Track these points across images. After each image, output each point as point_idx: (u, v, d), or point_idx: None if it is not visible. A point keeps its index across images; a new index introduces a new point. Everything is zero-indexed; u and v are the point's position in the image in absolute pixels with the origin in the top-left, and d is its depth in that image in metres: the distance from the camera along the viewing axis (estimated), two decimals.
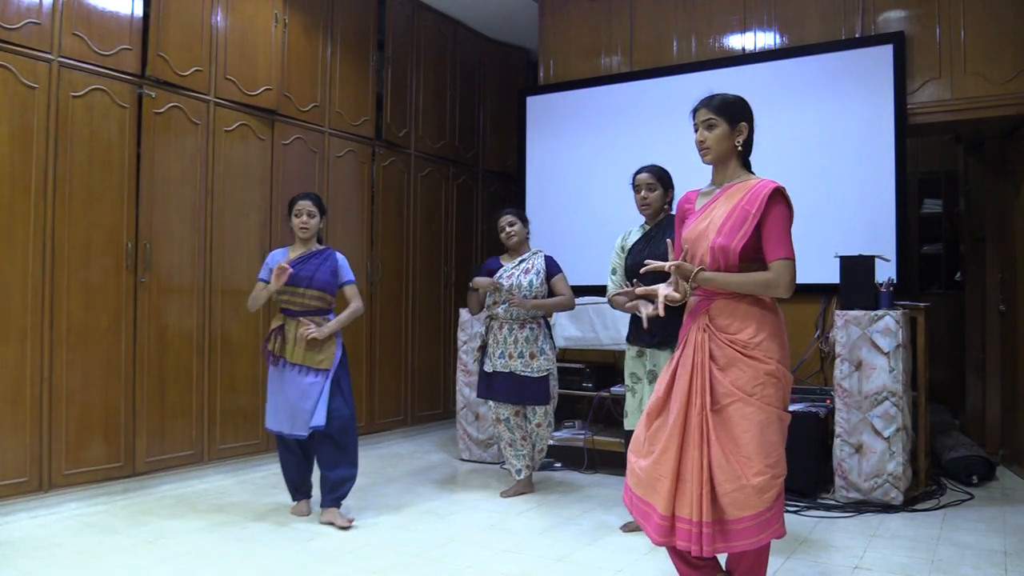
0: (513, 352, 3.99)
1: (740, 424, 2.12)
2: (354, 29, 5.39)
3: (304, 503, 3.71)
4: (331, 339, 3.61)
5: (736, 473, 2.09)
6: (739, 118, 2.26)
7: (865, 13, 4.68)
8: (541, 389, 4.01)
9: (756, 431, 2.10)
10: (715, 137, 2.26)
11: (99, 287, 3.89)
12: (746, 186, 2.22)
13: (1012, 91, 4.29)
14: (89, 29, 3.84)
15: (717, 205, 2.24)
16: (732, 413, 2.13)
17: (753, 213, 2.16)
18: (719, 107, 2.26)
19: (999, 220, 4.92)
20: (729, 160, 2.29)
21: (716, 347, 2.18)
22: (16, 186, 3.59)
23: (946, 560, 3.08)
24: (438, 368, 6.17)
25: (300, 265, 3.59)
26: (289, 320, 3.60)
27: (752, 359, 2.14)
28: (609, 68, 5.53)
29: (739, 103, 2.29)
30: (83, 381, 3.82)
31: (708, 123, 2.27)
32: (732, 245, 2.16)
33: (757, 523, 2.09)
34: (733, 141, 2.26)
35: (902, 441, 3.80)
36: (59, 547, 3.20)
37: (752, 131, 2.30)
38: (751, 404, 2.12)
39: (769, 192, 2.16)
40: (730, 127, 2.25)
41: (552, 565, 3.04)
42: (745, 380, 2.14)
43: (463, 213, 6.50)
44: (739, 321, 2.18)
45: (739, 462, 2.10)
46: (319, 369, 3.55)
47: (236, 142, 4.59)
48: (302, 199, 3.66)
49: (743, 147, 2.27)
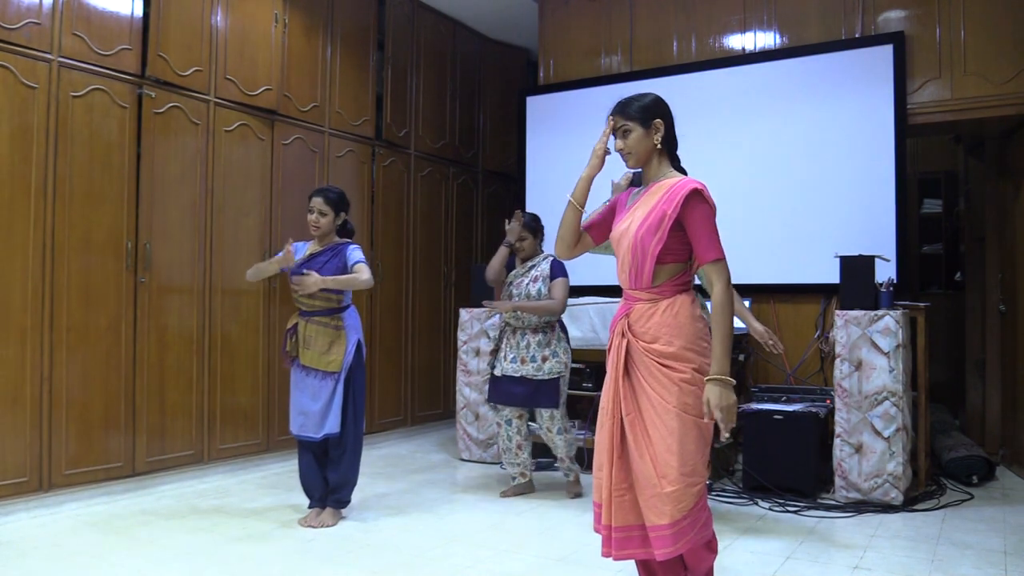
0: (525, 356, 3.96)
1: (657, 432, 2.10)
2: (354, 29, 5.39)
3: (314, 512, 3.58)
4: (340, 339, 3.54)
5: (652, 481, 2.08)
6: (652, 117, 2.23)
7: (865, 13, 4.68)
8: (551, 391, 3.95)
9: (673, 440, 2.07)
10: (632, 141, 2.24)
11: (99, 287, 3.89)
12: (665, 185, 2.19)
13: (1012, 91, 4.29)
14: (89, 29, 3.84)
15: (639, 204, 2.22)
16: (650, 422, 2.12)
17: (669, 213, 2.11)
18: (628, 111, 2.24)
19: (999, 220, 4.92)
20: (652, 159, 2.26)
21: (635, 353, 2.16)
22: (16, 186, 3.59)
23: (946, 560, 3.08)
24: (438, 368, 6.17)
25: (307, 264, 3.55)
26: (301, 320, 3.57)
27: (667, 368, 2.11)
28: (609, 68, 5.53)
29: (651, 103, 2.25)
30: (83, 381, 3.82)
31: (623, 129, 2.25)
32: (650, 247, 2.13)
33: (673, 532, 2.06)
34: (652, 140, 2.23)
35: (902, 441, 3.80)
36: (59, 547, 3.19)
37: (670, 126, 2.25)
38: (667, 413, 2.09)
39: (687, 193, 2.11)
40: (644, 128, 2.22)
41: (552, 565, 3.04)
42: (661, 388, 2.11)
43: (463, 213, 6.50)
44: (655, 329, 2.14)
45: (656, 470, 2.08)
46: (328, 372, 3.52)
47: (236, 142, 4.59)
48: (315, 195, 3.59)
49: (663, 144, 2.23)
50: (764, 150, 4.77)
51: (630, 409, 2.15)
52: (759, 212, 4.76)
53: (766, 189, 4.77)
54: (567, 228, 2.38)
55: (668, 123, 2.25)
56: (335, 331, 3.54)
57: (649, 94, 2.29)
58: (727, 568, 2.98)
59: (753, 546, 3.25)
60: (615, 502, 2.15)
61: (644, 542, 2.13)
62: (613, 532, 2.16)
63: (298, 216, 4.97)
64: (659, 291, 2.17)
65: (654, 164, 2.26)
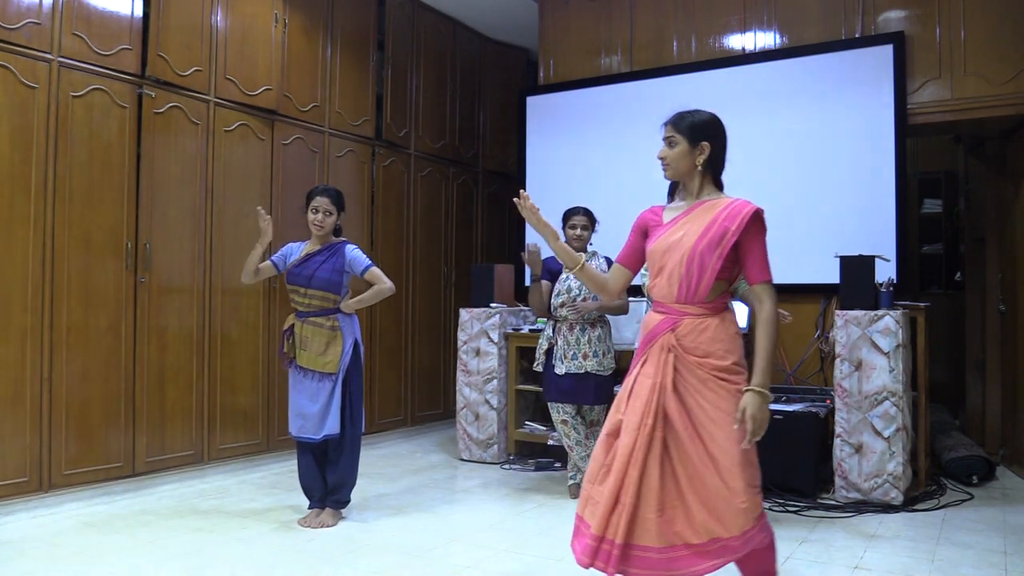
0: (588, 352, 3.95)
1: (718, 447, 2.09)
2: (354, 29, 5.39)
3: (314, 512, 3.57)
4: (336, 340, 3.52)
5: (723, 495, 2.06)
6: (701, 138, 2.22)
7: (865, 13, 4.68)
8: (609, 387, 4.03)
9: (737, 451, 2.08)
10: (674, 155, 2.25)
11: (99, 287, 3.89)
12: (721, 203, 2.20)
13: (1012, 91, 4.29)
14: (89, 29, 3.84)
15: (691, 219, 2.21)
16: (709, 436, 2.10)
17: (732, 230, 2.13)
18: (681, 126, 2.25)
19: (999, 220, 4.92)
20: (692, 178, 2.26)
21: (685, 368, 2.15)
22: (16, 186, 3.59)
23: (946, 560, 3.08)
24: (438, 368, 6.17)
25: (303, 264, 3.55)
26: (297, 322, 3.56)
27: (726, 381, 2.13)
28: (609, 68, 5.52)
29: (704, 123, 2.24)
30: (83, 381, 3.82)
31: (669, 140, 2.26)
32: (710, 262, 2.14)
33: (742, 541, 2.07)
34: (693, 160, 2.23)
35: (902, 441, 3.80)
36: (59, 547, 3.20)
37: (718, 150, 2.25)
38: (729, 425, 2.09)
39: (751, 213, 2.14)
40: (690, 145, 2.22)
41: (552, 565, 3.04)
42: (720, 401, 2.11)
43: (463, 213, 6.50)
44: (707, 344, 2.15)
45: (727, 484, 2.07)
46: (325, 373, 3.51)
47: (236, 142, 4.59)
48: (320, 195, 3.57)
49: (705, 166, 2.23)
50: (764, 150, 4.77)
51: (686, 424, 2.12)
52: None
53: (766, 189, 4.75)
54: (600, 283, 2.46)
55: (716, 146, 2.24)
56: (331, 332, 3.52)
57: (707, 113, 2.28)
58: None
59: None
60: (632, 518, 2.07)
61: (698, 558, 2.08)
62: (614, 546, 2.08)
63: (298, 216, 4.96)
64: (711, 306, 2.18)
65: (696, 182, 2.26)
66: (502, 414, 4.96)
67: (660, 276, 2.23)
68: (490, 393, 4.95)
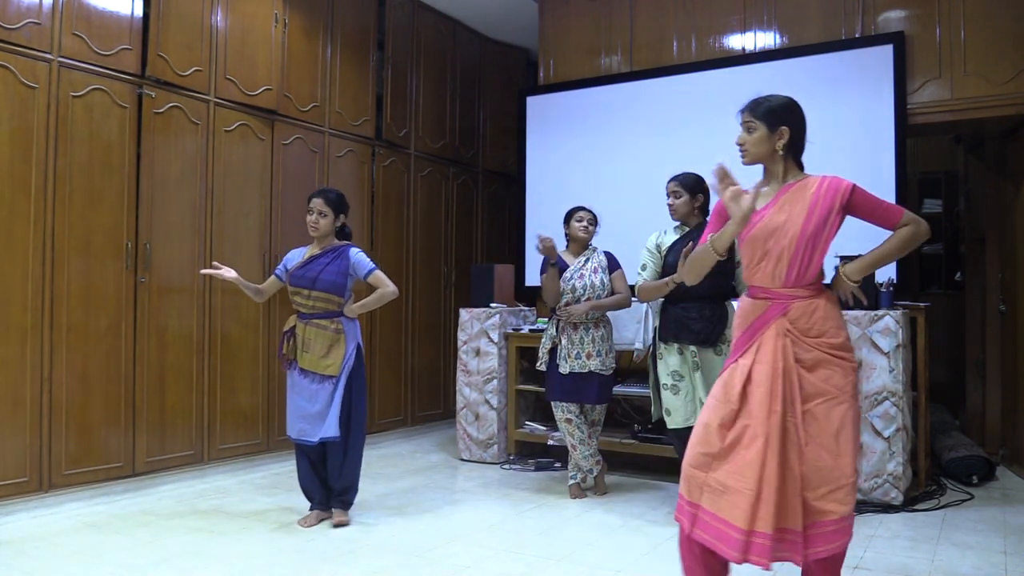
0: (592, 351, 3.96)
1: (836, 423, 2.11)
2: (354, 29, 5.39)
3: (314, 514, 3.56)
4: (339, 343, 3.50)
5: (835, 473, 2.08)
6: (780, 122, 2.25)
7: (865, 13, 4.68)
8: (611, 387, 4.08)
9: (852, 429, 2.12)
10: (753, 140, 2.28)
11: (99, 287, 3.89)
12: (812, 183, 2.23)
13: (1012, 91, 4.28)
14: (89, 29, 3.84)
15: (788, 201, 2.22)
16: (824, 413, 2.12)
17: (837, 208, 2.17)
18: (758, 111, 2.28)
19: (999, 220, 4.92)
20: (774, 162, 2.29)
21: (801, 350, 2.16)
22: (16, 186, 3.59)
23: (946, 560, 3.08)
24: (438, 368, 6.17)
25: (307, 266, 3.53)
26: (299, 323, 3.55)
27: (841, 359, 2.16)
28: (609, 68, 5.52)
29: (782, 107, 2.28)
30: (83, 381, 3.82)
31: (747, 126, 2.29)
32: (820, 243, 2.18)
33: (850, 523, 2.10)
34: (773, 144, 2.26)
35: (902, 441, 3.80)
36: (59, 547, 3.20)
37: (797, 133, 2.28)
38: (844, 403, 2.13)
39: (849, 189, 2.19)
40: (769, 130, 2.26)
41: (552, 565, 3.04)
42: (837, 380, 2.14)
43: (463, 213, 6.50)
44: (820, 323, 2.17)
45: (838, 461, 2.09)
46: (326, 375, 3.49)
47: (236, 142, 4.59)
48: (315, 196, 3.57)
49: (786, 149, 2.26)
50: None
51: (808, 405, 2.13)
52: None
53: None
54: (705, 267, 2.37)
55: (795, 129, 2.26)
56: (335, 334, 3.51)
57: (783, 97, 2.30)
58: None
59: None
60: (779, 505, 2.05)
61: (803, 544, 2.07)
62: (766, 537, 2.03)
63: (298, 216, 4.97)
64: (817, 287, 2.21)
65: (780, 166, 2.28)
66: (502, 414, 4.96)
67: (765, 261, 2.21)
68: (490, 393, 4.95)
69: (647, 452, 4.47)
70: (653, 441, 4.44)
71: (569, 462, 4.14)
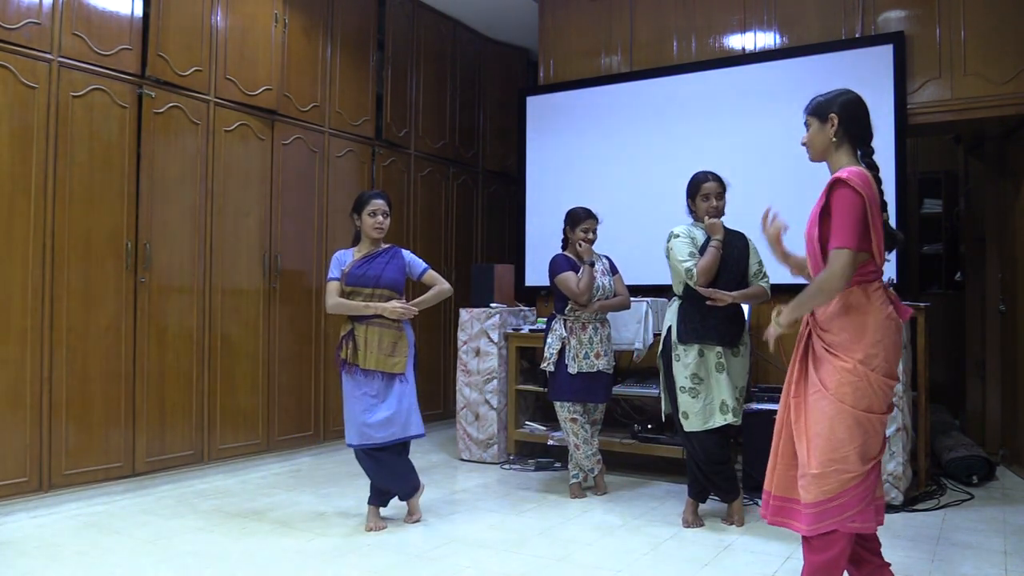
0: (600, 351, 3.99)
1: (813, 415, 2.20)
2: (354, 29, 5.39)
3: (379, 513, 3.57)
4: (403, 340, 3.52)
5: (804, 460, 2.19)
6: (827, 112, 2.29)
7: (865, 13, 4.68)
8: (611, 384, 4.15)
9: (825, 424, 2.17)
10: (810, 135, 2.35)
11: (99, 287, 3.89)
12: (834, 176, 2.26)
13: (1012, 91, 4.28)
14: (89, 29, 3.84)
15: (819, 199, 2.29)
16: (810, 404, 2.22)
17: (826, 203, 2.20)
18: (810, 108, 2.35)
19: (999, 220, 4.92)
20: (831, 153, 2.33)
21: (814, 341, 2.26)
22: (16, 186, 3.59)
23: (946, 560, 3.08)
24: (438, 368, 6.17)
25: (367, 264, 3.52)
26: (358, 325, 3.49)
27: (833, 356, 2.20)
28: (609, 68, 5.52)
29: (829, 98, 2.32)
30: (83, 381, 3.82)
31: (806, 124, 2.37)
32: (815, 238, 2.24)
33: (815, 512, 2.15)
34: (827, 135, 2.30)
35: (902, 441, 3.80)
36: (59, 547, 3.19)
37: (848, 119, 2.28)
38: (825, 398, 2.18)
39: (830, 182, 2.20)
40: (820, 122, 2.31)
41: (552, 565, 3.04)
42: (823, 374, 2.21)
43: (463, 213, 6.50)
44: (827, 319, 2.24)
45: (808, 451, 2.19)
46: (394, 373, 3.48)
47: (236, 142, 4.59)
48: (377, 198, 3.55)
49: (840, 137, 2.29)
50: (764, 150, 4.77)
51: (798, 392, 2.26)
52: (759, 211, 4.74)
53: (766, 189, 4.76)
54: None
55: (844, 115, 2.28)
56: (398, 331, 3.52)
57: (836, 90, 2.34)
58: (727, 568, 2.99)
59: (753, 546, 3.25)
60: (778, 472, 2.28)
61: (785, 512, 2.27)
62: (772, 499, 2.29)
63: (298, 216, 4.98)
64: None
65: (834, 158, 2.32)
66: (502, 414, 4.96)
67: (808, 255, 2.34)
68: (490, 393, 4.95)
69: (647, 452, 4.47)
70: (653, 441, 4.44)
71: (569, 462, 4.14)
